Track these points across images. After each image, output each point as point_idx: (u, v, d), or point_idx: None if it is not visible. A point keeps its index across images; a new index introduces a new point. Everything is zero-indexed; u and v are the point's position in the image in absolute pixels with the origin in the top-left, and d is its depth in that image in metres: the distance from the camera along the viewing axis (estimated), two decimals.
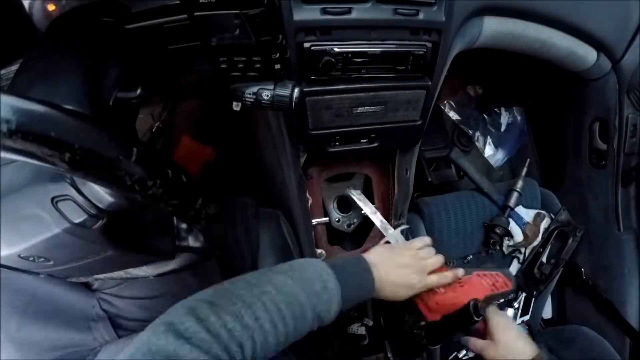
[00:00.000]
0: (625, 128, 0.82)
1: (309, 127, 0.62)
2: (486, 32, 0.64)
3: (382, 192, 0.87)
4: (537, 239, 0.88)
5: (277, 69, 0.45)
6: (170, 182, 0.37)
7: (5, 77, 0.39)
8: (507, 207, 0.87)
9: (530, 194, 0.91)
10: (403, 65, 0.57)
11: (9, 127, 0.23)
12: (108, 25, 0.38)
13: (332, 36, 0.52)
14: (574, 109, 0.92)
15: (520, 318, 0.91)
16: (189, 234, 0.57)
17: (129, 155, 0.32)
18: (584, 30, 0.71)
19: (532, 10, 0.66)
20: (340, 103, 0.59)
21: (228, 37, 0.39)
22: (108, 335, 0.63)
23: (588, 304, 0.93)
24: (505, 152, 1.17)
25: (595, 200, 0.91)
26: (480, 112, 1.16)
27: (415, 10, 0.53)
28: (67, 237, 0.39)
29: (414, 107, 0.64)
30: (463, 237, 0.86)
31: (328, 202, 0.87)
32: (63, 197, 0.37)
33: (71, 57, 0.35)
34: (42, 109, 0.25)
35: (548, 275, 0.89)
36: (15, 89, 0.32)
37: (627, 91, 0.80)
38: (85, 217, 0.38)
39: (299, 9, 0.49)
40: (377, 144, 0.69)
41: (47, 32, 0.37)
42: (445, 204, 0.86)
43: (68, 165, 0.27)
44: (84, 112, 0.32)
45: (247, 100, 0.47)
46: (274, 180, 0.78)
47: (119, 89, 0.37)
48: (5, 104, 0.23)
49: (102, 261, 0.46)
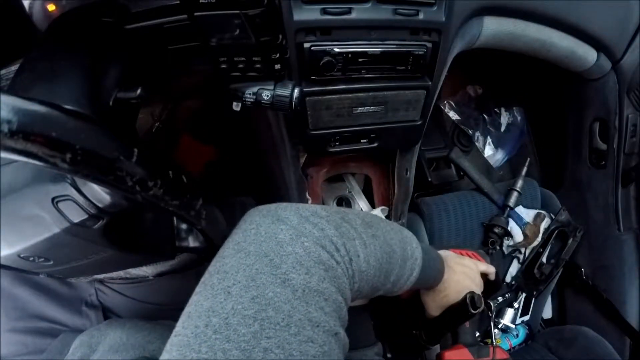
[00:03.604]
0: (625, 128, 0.82)
1: (309, 127, 0.62)
2: (486, 32, 0.64)
3: (382, 192, 0.87)
4: (537, 239, 0.88)
5: (277, 69, 0.45)
6: (170, 183, 0.37)
7: (5, 77, 0.39)
8: (507, 207, 0.87)
9: (530, 194, 0.91)
10: (403, 65, 0.57)
11: (9, 127, 0.23)
12: (108, 25, 0.38)
13: (332, 36, 0.52)
14: (574, 109, 0.92)
15: (520, 318, 0.91)
16: (189, 234, 0.57)
17: (129, 156, 0.32)
18: (584, 30, 0.71)
19: (532, 10, 0.65)
20: (340, 103, 0.59)
21: (228, 37, 0.39)
22: (98, 324, 0.63)
23: (588, 304, 0.93)
24: (505, 152, 1.17)
25: (595, 200, 0.91)
26: (480, 112, 1.16)
27: (415, 10, 0.53)
28: (67, 237, 0.39)
29: (414, 107, 0.64)
30: (463, 237, 0.86)
31: (328, 202, 0.87)
32: (63, 197, 0.37)
33: (71, 57, 0.35)
34: (43, 109, 0.25)
35: (548, 275, 0.89)
36: (16, 89, 0.32)
37: (627, 91, 0.80)
38: (86, 217, 0.38)
39: (299, 9, 0.49)
40: (377, 144, 0.69)
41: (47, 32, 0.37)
42: (445, 204, 0.86)
43: (69, 165, 0.27)
44: (84, 112, 0.32)
45: (247, 100, 0.47)
46: (274, 180, 0.78)
47: (119, 89, 0.37)
48: (6, 104, 0.23)
49: (102, 261, 0.46)
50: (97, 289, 0.65)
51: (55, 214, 0.37)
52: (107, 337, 0.51)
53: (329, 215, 0.37)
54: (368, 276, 0.37)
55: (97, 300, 0.65)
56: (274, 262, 0.31)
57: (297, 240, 0.33)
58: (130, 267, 0.57)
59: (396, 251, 0.42)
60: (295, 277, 0.30)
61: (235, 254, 0.32)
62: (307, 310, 0.29)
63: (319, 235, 0.34)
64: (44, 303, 0.62)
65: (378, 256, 0.39)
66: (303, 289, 0.30)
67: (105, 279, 0.64)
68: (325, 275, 0.32)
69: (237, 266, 0.31)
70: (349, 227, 0.37)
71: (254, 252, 0.32)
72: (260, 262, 0.31)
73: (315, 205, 0.39)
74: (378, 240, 0.39)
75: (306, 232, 0.34)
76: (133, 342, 0.50)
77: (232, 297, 0.28)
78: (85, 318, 0.64)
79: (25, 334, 0.61)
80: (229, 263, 0.32)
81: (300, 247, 0.32)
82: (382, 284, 0.41)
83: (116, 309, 0.66)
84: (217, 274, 0.31)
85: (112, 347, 0.50)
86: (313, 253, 0.32)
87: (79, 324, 0.63)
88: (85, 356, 0.50)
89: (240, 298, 0.28)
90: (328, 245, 0.34)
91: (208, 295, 0.29)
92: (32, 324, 0.61)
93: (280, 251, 0.32)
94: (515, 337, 0.91)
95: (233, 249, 0.33)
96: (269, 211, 0.36)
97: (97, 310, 0.65)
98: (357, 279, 0.36)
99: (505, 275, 0.91)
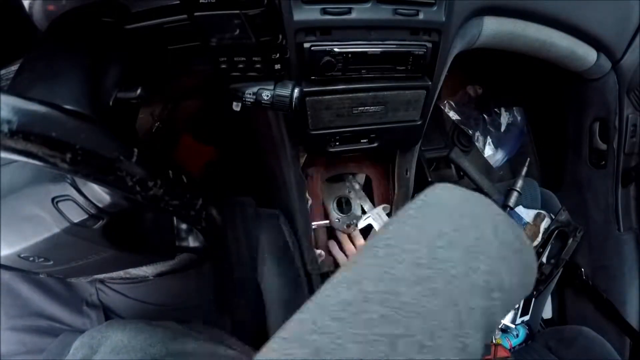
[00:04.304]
0: (625, 128, 0.82)
1: (309, 127, 0.62)
2: (486, 32, 0.64)
3: (382, 192, 0.87)
4: (537, 239, 0.88)
5: (277, 69, 0.45)
6: (170, 183, 0.37)
7: (5, 77, 0.39)
8: (507, 207, 0.87)
9: (530, 194, 0.91)
10: (403, 65, 0.57)
11: (10, 127, 0.23)
12: (108, 25, 0.38)
13: (332, 36, 0.52)
14: (574, 109, 0.92)
15: (520, 318, 0.91)
16: (189, 234, 0.57)
17: (129, 156, 0.32)
18: (584, 30, 0.71)
19: (532, 10, 0.65)
20: (340, 103, 0.59)
21: (228, 37, 0.39)
22: (99, 324, 0.63)
23: (588, 304, 0.93)
24: (505, 152, 1.17)
25: (595, 200, 0.91)
26: (480, 112, 1.16)
27: (415, 10, 0.53)
28: (67, 237, 0.39)
29: (414, 107, 0.64)
30: None
31: (328, 202, 0.87)
32: (63, 197, 0.37)
33: (71, 57, 0.35)
34: (43, 109, 0.25)
35: (548, 275, 0.89)
36: (16, 89, 0.32)
37: (627, 91, 0.80)
38: (86, 217, 0.38)
39: (299, 9, 0.49)
40: (377, 144, 0.69)
41: (47, 32, 0.37)
42: None
43: (69, 165, 0.27)
44: (84, 112, 0.32)
45: (247, 101, 0.47)
46: (274, 180, 0.78)
47: (119, 89, 0.37)
48: (6, 105, 0.23)
49: (102, 261, 0.46)
50: (97, 289, 0.65)
51: (55, 214, 0.37)
52: (108, 339, 0.51)
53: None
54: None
55: (98, 300, 0.65)
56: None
57: None
58: (130, 267, 0.57)
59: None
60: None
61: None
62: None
63: None
64: (44, 301, 0.62)
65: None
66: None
67: (106, 279, 0.64)
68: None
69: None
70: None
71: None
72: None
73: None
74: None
75: None
76: (134, 345, 0.50)
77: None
78: (86, 317, 0.64)
79: (24, 333, 0.61)
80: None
81: None
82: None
83: (117, 309, 0.66)
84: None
85: (114, 350, 0.50)
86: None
87: (79, 323, 0.63)
88: (86, 357, 0.50)
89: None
90: None
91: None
92: (32, 322, 0.61)
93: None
94: (515, 337, 0.91)
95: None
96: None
97: (98, 310, 0.65)
98: None
99: None
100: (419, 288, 0.24)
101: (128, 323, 0.54)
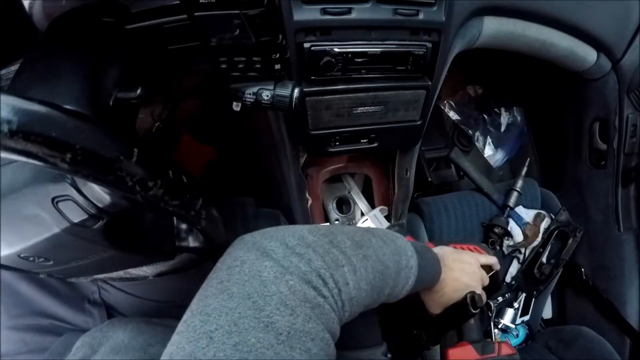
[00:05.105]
0: (625, 128, 0.82)
1: (309, 127, 0.62)
2: (486, 32, 0.64)
3: (382, 192, 0.87)
4: (537, 239, 0.88)
5: (277, 69, 0.45)
6: (170, 183, 0.37)
7: (5, 77, 0.39)
8: (507, 207, 0.87)
9: (530, 194, 0.91)
10: (403, 65, 0.57)
11: (9, 127, 0.23)
12: (108, 25, 0.38)
13: (332, 36, 0.52)
14: (574, 109, 0.92)
15: (520, 318, 0.91)
16: (189, 234, 0.57)
17: (129, 156, 0.32)
18: (584, 30, 0.71)
19: (532, 10, 0.66)
20: (340, 103, 0.59)
21: (228, 37, 0.39)
22: (101, 322, 0.63)
23: (588, 304, 0.93)
24: (505, 152, 1.17)
25: (595, 201, 0.91)
26: (480, 112, 1.16)
27: (415, 10, 0.53)
28: (67, 237, 0.39)
29: (414, 107, 0.64)
30: (463, 237, 0.86)
31: (328, 202, 0.87)
32: (63, 197, 0.37)
33: (71, 57, 0.35)
34: (43, 109, 0.25)
35: (548, 275, 0.89)
36: (16, 89, 0.32)
37: (627, 91, 0.80)
38: (86, 217, 0.38)
39: (299, 9, 0.49)
40: (377, 144, 0.69)
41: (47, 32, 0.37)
42: (445, 204, 0.86)
43: (69, 165, 0.27)
44: (84, 112, 0.32)
45: (247, 101, 0.47)
46: (274, 180, 0.78)
47: (119, 89, 0.37)
48: (6, 104, 0.23)
49: (102, 261, 0.46)
50: (99, 287, 0.65)
51: (55, 214, 0.37)
52: (109, 339, 0.51)
53: (316, 240, 0.36)
54: (359, 300, 0.37)
55: (100, 298, 0.65)
56: (257, 305, 0.30)
57: (281, 278, 0.32)
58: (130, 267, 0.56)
59: (389, 266, 0.42)
60: (279, 319, 0.30)
61: (219, 295, 0.31)
62: (291, 355, 0.28)
63: (305, 270, 0.33)
64: (45, 300, 0.62)
65: (370, 278, 0.38)
66: (288, 332, 0.29)
67: (106, 278, 0.64)
68: (311, 314, 0.31)
69: (220, 309, 0.30)
70: (337, 253, 0.36)
71: (237, 294, 0.31)
72: (244, 304, 0.30)
73: (303, 228, 0.38)
74: (370, 261, 0.39)
75: (291, 267, 0.33)
76: (134, 345, 0.50)
77: (214, 343, 0.28)
78: (88, 315, 0.64)
79: (26, 332, 0.61)
80: (212, 305, 0.31)
81: (284, 286, 0.32)
82: (375, 300, 0.41)
83: (119, 307, 0.66)
84: (200, 315, 0.30)
85: (114, 349, 0.50)
86: (298, 292, 0.32)
87: (81, 322, 0.63)
88: (87, 357, 0.50)
89: (222, 345, 0.28)
90: (315, 280, 0.33)
91: (190, 338, 0.29)
92: (33, 321, 0.61)
93: (264, 291, 0.31)
94: (515, 337, 0.91)
95: (216, 289, 0.32)
96: (254, 244, 0.35)
97: (100, 308, 0.65)
98: (347, 307, 0.36)
99: (505, 275, 0.91)
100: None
101: (129, 322, 0.54)
